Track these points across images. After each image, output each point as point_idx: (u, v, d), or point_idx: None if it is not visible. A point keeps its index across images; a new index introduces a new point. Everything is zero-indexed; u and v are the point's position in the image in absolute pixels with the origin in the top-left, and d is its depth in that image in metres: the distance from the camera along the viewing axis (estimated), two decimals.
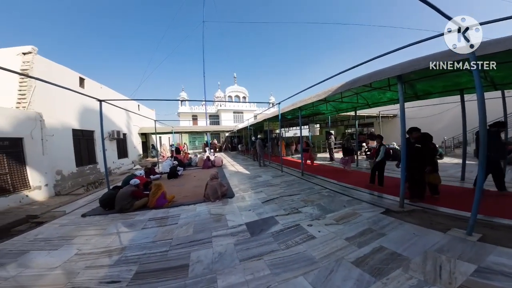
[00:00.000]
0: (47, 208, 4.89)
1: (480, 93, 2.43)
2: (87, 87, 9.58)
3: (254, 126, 14.53)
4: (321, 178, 6.08)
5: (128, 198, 4.12)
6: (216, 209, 3.91)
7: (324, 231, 2.76)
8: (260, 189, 5.27)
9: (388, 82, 5.16)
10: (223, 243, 2.61)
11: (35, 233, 3.35)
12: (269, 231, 2.87)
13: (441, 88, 5.22)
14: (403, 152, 3.46)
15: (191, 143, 26.56)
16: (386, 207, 3.47)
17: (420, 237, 2.47)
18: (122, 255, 2.50)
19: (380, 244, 2.37)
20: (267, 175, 7.16)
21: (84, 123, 9.14)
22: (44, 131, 6.64)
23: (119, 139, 12.14)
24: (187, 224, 3.29)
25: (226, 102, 25.78)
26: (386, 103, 7.11)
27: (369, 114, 13.53)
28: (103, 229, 3.37)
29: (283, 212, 3.53)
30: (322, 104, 7.98)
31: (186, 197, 4.81)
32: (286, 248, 2.40)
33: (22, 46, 6.77)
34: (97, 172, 9.71)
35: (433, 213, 3.15)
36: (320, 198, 4.22)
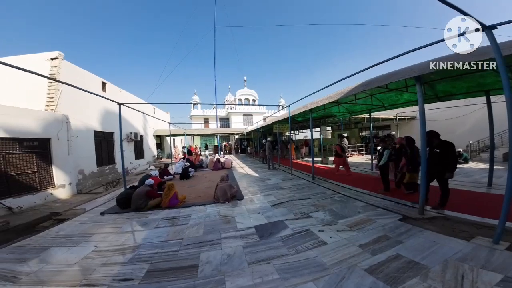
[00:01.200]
0: (69, 206, 5.21)
1: (508, 94, 2.25)
2: (108, 91, 10.17)
3: (264, 129, 14.54)
4: (333, 182, 5.90)
5: (143, 198, 4.28)
6: (226, 211, 3.94)
7: (336, 237, 2.67)
8: (269, 192, 5.23)
9: (405, 83, 4.93)
10: (232, 245, 2.61)
11: (57, 230, 3.56)
12: (278, 235, 2.83)
13: (465, 89, 4.88)
14: (423, 156, 3.27)
15: (203, 145, 27.17)
16: (404, 213, 3.30)
17: (441, 245, 2.33)
18: (136, 253, 2.58)
19: (396, 252, 2.26)
20: (277, 178, 7.09)
21: (105, 125, 9.67)
22: (70, 133, 7.11)
23: (136, 140, 12.69)
24: (198, 225, 3.34)
25: (236, 105, 26.10)
26: (404, 104, 6.77)
27: (386, 116, 12.97)
28: (119, 227, 3.52)
29: (292, 216, 3.47)
30: (334, 106, 7.78)
31: (197, 198, 4.90)
32: (296, 253, 2.35)
33: (50, 52, 7.33)
34: (115, 172, 10.21)
35: (456, 220, 2.95)
36: (332, 203, 4.09)
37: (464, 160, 8.13)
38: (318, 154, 12.17)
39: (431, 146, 3.47)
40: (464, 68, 2.78)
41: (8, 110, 5.44)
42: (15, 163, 5.52)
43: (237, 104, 21.24)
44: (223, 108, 30.55)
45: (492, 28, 2.27)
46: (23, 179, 5.67)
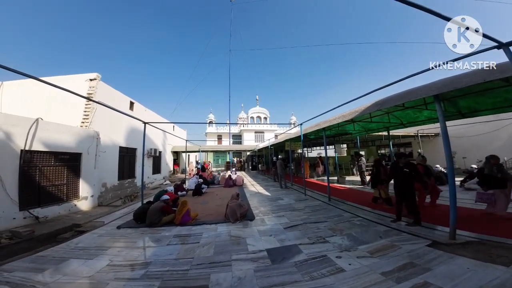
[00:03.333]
0: (90, 218, 5.45)
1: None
2: (135, 110, 11.08)
3: (275, 146, 14.49)
4: (351, 204, 5.55)
5: (157, 213, 4.37)
6: (236, 231, 3.85)
7: (356, 264, 2.46)
8: (282, 213, 5.03)
9: (424, 101, 4.77)
10: (243, 268, 2.51)
11: (76, 241, 3.72)
12: (291, 260, 2.68)
13: (491, 105, 4.58)
14: (450, 176, 3.02)
15: (215, 161, 27.67)
16: (433, 238, 3.00)
17: (475, 272, 2.09)
18: (147, 270, 2.59)
19: (424, 279, 2.04)
20: (289, 198, 6.85)
21: (129, 141, 10.35)
22: (99, 148, 7.70)
23: (155, 156, 13.32)
24: (208, 244, 3.29)
25: (249, 124, 26.95)
26: (425, 122, 6.44)
27: (406, 133, 12.36)
28: (133, 242, 3.58)
29: (307, 241, 3.28)
30: (348, 124, 7.62)
31: (209, 216, 4.87)
32: (311, 280, 2.20)
33: (89, 73, 8.27)
34: (134, 186, 10.63)
35: (494, 245, 2.66)
36: (350, 227, 3.83)
37: None
38: (333, 173, 11.65)
39: (399, 166, 3.89)
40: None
41: (49, 126, 6.09)
42: (48, 175, 6.00)
43: (249, 123, 21.85)
44: (236, 126, 31.50)
45: (509, 45, 2.22)
46: (53, 190, 6.09)
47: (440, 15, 2.12)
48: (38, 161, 5.75)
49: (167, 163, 16.13)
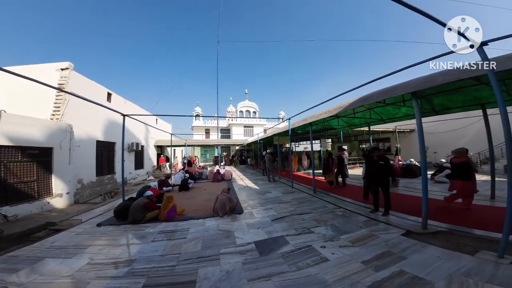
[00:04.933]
0: (66, 216, 5.11)
1: (503, 109, 2.32)
2: (113, 102, 10.36)
3: (264, 140, 14.59)
4: (335, 196, 5.82)
5: (141, 210, 4.22)
6: (225, 225, 3.86)
7: (339, 254, 2.60)
8: (270, 205, 5.13)
9: (402, 98, 5.04)
10: (231, 261, 2.54)
11: (52, 240, 3.49)
12: (279, 251, 2.76)
13: (461, 102, 4.99)
14: (423, 169, 3.27)
15: (203, 156, 27.15)
16: (407, 228, 3.24)
17: (445, 260, 2.28)
18: (132, 267, 2.51)
19: (400, 267, 2.20)
20: (277, 191, 6.99)
21: (107, 135, 9.72)
22: (73, 142, 7.15)
23: (137, 151, 12.73)
24: (196, 239, 3.26)
25: (237, 118, 26.60)
26: (402, 118, 6.88)
27: (385, 129, 13.09)
28: (115, 240, 3.44)
29: (293, 232, 3.39)
30: (333, 119, 7.88)
31: (196, 211, 4.82)
32: (297, 270, 2.28)
33: (60, 62, 7.55)
34: (114, 182, 10.12)
35: (460, 235, 2.91)
36: (334, 218, 4.02)
37: None
38: (318, 167, 12.06)
39: (373, 159, 4.17)
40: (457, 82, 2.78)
41: (13, 119, 5.52)
42: (15, 171, 5.49)
43: (238, 117, 21.47)
44: (224, 120, 30.98)
45: (484, 45, 2.35)
46: (22, 187, 5.61)
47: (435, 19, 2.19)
48: (2, 157, 5.23)
49: (150, 158, 15.53)
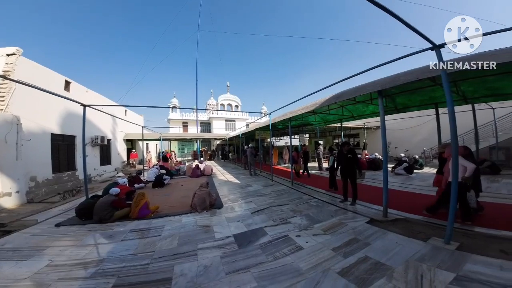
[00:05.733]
0: (17, 217, 4.47)
1: (451, 108, 2.58)
2: (73, 91, 9.25)
3: (246, 135, 14.56)
4: (310, 187, 6.15)
5: (108, 208, 3.90)
6: (204, 220, 3.79)
7: (312, 242, 2.77)
8: (250, 199, 5.19)
9: (370, 96, 5.46)
10: (209, 256, 2.52)
11: (2, 242, 3.09)
12: (257, 242, 2.82)
13: (419, 102, 5.61)
14: (384, 163, 3.63)
15: (181, 151, 26.00)
16: (371, 216, 3.56)
17: (402, 246, 2.54)
18: (100, 268, 2.36)
19: (365, 254, 2.41)
20: (258, 184, 7.10)
21: (65, 128, 8.68)
22: (21, 135, 6.21)
23: (103, 145, 11.60)
24: (171, 236, 3.15)
25: (218, 111, 25.72)
26: (370, 115, 7.50)
27: (355, 125, 14.11)
28: (78, 240, 3.15)
29: (272, 223, 3.50)
30: (311, 115, 8.22)
31: (172, 208, 4.63)
32: (274, 260, 2.37)
33: (6, 47, 6.47)
34: (75, 179, 9.13)
35: (415, 222, 3.25)
36: (308, 208, 4.25)
37: (420, 166, 9.16)
38: None
39: (343, 153, 4.44)
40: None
41: None
42: None
43: (219, 110, 20.61)
44: (205, 113, 29.80)
45: (441, 47, 2.55)
46: None
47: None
48: None
49: (118, 153, 14.32)
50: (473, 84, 4.15)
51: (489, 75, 3.66)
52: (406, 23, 2.19)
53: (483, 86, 4.19)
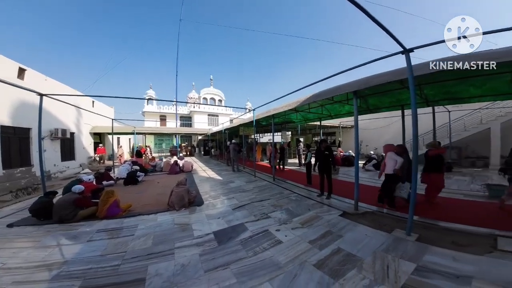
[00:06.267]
0: None
1: (414, 109, 2.80)
2: (29, 79, 8.16)
3: (230, 130, 14.30)
4: (290, 182, 6.35)
5: (70, 207, 3.54)
6: (182, 218, 3.65)
7: (291, 235, 2.86)
8: (232, 195, 5.15)
9: (346, 96, 5.77)
10: (187, 254, 2.45)
11: None
12: (237, 238, 2.82)
13: (388, 103, 6.09)
14: (356, 160, 3.89)
15: (158, 146, 24.59)
16: (344, 209, 3.80)
17: (370, 238, 2.72)
18: (62, 270, 2.17)
19: (338, 246, 2.55)
20: (241, 180, 7.07)
21: (18, 120, 7.61)
22: None
23: (65, 138, 10.42)
24: (146, 236, 2.98)
25: (201, 104, 24.56)
26: (345, 115, 7.95)
27: (332, 124, 14.87)
28: (36, 242, 2.84)
29: (253, 218, 3.52)
30: (293, 113, 8.43)
31: (147, 206, 4.37)
32: (254, 255, 2.39)
33: None
34: (31, 176, 8.08)
35: (381, 215, 3.53)
36: (288, 203, 4.37)
37: None
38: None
39: (321, 150, 4.65)
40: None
41: None
42: None
43: (201, 104, 19.44)
44: (185, 106, 28.32)
45: (410, 51, 2.71)
46: None
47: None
48: None
49: (84, 147, 13.02)
50: (434, 88, 4.61)
51: (449, 80, 4.11)
52: (383, 27, 2.32)
53: (442, 90, 4.70)
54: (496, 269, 1.97)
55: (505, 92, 4.29)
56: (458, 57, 2.51)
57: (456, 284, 1.79)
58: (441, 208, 3.76)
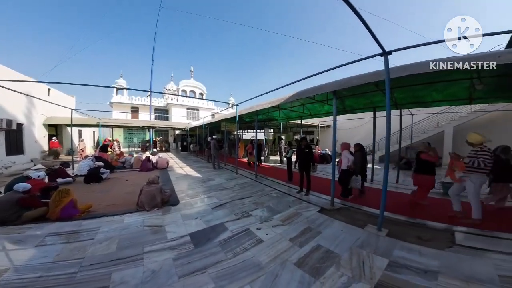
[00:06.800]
0: None
1: (388, 110, 2.95)
2: None
3: (211, 126, 13.72)
4: (271, 179, 6.36)
5: (12, 208, 2.99)
6: (153, 220, 3.31)
7: (272, 233, 2.80)
8: (212, 193, 4.89)
9: (326, 97, 5.92)
10: (159, 259, 2.21)
11: None
12: (217, 239, 2.65)
13: (362, 105, 6.44)
14: (333, 158, 4.00)
15: (128, 140, 22.62)
16: (321, 205, 3.90)
17: (346, 233, 2.80)
18: (2, 279, 1.84)
19: (317, 242, 2.56)
20: (221, 178, 6.81)
21: None
22: None
23: (10, 130, 8.88)
24: (109, 239, 2.64)
25: (179, 97, 22.76)
26: (324, 114, 8.24)
27: (311, 123, 15.41)
28: None
29: (233, 217, 3.38)
30: (276, 111, 8.44)
31: (112, 206, 3.90)
32: (234, 257, 2.26)
33: None
34: None
35: (354, 211, 3.67)
36: (269, 200, 4.33)
37: None
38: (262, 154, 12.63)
39: (301, 147, 4.74)
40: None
41: None
42: None
43: (181, 95, 17.33)
44: (162, 98, 26.29)
45: (389, 54, 2.81)
46: None
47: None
48: None
49: (36, 141, 11.28)
50: (404, 92, 4.97)
51: (416, 85, 4.45)
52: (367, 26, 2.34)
53: (410, 94, 5.09)
54: (456, 264, 2.09)
55: (462, 97, 4.80)
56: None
57: (425, 279, 1.88)
58: (404, 203, 3.97)
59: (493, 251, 2.30)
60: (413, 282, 1.84)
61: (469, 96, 4.67)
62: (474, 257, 2.21)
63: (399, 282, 1.85)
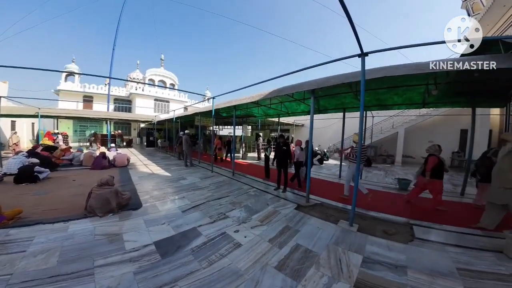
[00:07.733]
0: None
1: (362, 110, 3.11)
2: None
3: (183, 119, 12.58)
4: (249, 177, 6.19)
5: None
6: (107, 227, 2.78)
7: (250, 235, 2.64)
8: (183, 194, 4.40)
9: (303, 96, 6.01)
10: (115, 274, 1.83)
11: None
12: (188, 247, 2.34)
13: (334, 105, 6.77)
14: (309, 154, 4.04)
15: (80, 133, 19.50)
16: (297, 202, 3.93)
17: (322, 230, 2.82)
18: None
19: (296, 242, 2.51)
20: (194, 176, 6.25)
21: None
22: None
23: None
24: (47, 252, 2.11)
25: (145, 86, 20.00)
26: (300, 113, 8.46)
27: (288, 122, 15.80)
28: None
29: (208, 220, 3.08)
30: (255, 107, 8.25)
31: (52, 212, 3.17)
32: (209, 265, 2.02)
33: None
34: None
35: (327, 207, 3.78)
36: (247, 199, 4.15)
37: (327, 158, 11.43)
38: (239, 150, 12.13)
39: (280, 145, 4.82)
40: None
41: None
42: None
43: (148, 83, 14.99)
44: (124, 88, 23.22)
45: (365, 55, 2.90)
46: None
47: None
48: None
49: None
50: (370, 95, 5.35)
51: (380, 88, 4.82)
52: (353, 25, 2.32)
53: (375, 97, 5.51)
54: (420, 258, 2.22)
55: (416, 101, 5.40)
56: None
57: (396, 274, 1.95)
58: (368, 198, 4.03)
59: (447, 244, 2.51)
60: (387, 279, 1.89)
61: (423, 101, 5.27)
62: (433, 250, 2.39)
63: (375, 279, 1.88)
